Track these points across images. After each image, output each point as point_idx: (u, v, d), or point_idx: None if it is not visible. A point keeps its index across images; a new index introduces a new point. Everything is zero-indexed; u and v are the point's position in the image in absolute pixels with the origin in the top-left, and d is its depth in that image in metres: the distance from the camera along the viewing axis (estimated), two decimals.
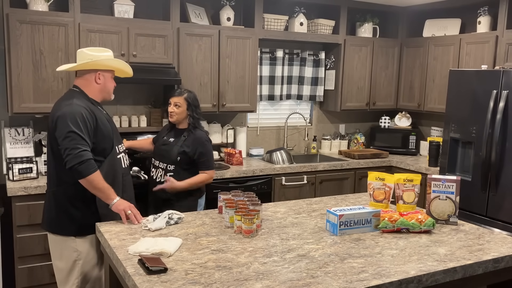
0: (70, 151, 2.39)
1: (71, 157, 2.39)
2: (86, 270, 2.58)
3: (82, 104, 2.50)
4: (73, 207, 2.54)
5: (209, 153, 3.23)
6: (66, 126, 2.41)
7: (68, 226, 2.55)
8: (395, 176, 2.74)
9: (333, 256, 2.08)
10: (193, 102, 3.21)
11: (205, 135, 3.24)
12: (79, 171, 2.40)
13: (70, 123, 2.41)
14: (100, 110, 2.63)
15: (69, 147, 2.40)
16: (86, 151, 2.42)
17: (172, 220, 2.50)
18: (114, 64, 2.68)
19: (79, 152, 2.39)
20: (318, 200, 3.09)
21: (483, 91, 3.76)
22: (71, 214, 2.54)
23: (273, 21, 4.53)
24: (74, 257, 2.56)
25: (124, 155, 2.74)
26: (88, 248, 2.58)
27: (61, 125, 2.43)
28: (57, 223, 2.58)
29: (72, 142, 2.40)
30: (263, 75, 4.78)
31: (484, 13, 4.45)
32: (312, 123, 5.28)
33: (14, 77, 3.45)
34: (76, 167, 2.39)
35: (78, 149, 2.40)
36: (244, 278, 1.83)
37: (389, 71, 5.17)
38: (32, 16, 3.47)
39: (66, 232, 2.56)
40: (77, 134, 2.41)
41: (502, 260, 2.15)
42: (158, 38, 3.92)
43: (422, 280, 1.91)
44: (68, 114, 2.43)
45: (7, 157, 3.61)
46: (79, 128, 2.42)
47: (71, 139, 2.40)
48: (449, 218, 2.58)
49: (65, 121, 2.42)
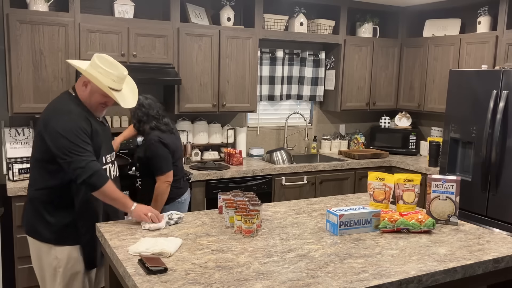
0: (76, 164, 2.30)
1: (80, 171, 2.29)
2: (68, 279, 2.48)
3: (78, 113, 2.40)
4: (48, 214, 2.43)
5: (157, 157, 3.04)
6: (63, 140, 2.30)
7: (45, 233, 2.45)
8: (395, 176, 2.74)
9: (333, 256, 2.08)
10: (138, 108, 3.08)
11: (155, 137, 3.05)
12: (91, 184, 2.32)
13: (69, 136, 2.30)
14: (93, 117, 2.49)
15: (74, 160, 2.30)
16: (93, 161, 2.34)
17: (172, 220, 2.49)
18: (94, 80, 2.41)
19: (86, 164, 2.30)
20: (318, 200, 3.08)
21: (483, 91, 3.76)
22: (47, 220, 2.44)
23: (273, 21, 4.53)
24: (54, 264, 2.47)
25: (111, 166, 2.61)
26: (67, 257, 2.47)
27: (58, 139, 2.31)
28: (35, 228, 2.48)
29: (76, 156, 2.30)
30: (263, 75, 4.78)
31: (484, 13, 4.45)
32: (312, 123, 5.28)
33: (14, 77, 3.45)
34: (88, 181, 2.30)
35: (84, 161, 2.30)
36: (244, 278, 1.83)
37: (389, 71, 5.17)
38: (32, 16, 3.47)
39: (43, 238, 2.46)
40: (79, 146, 2.31)
41: (502, 260, 2.15)
42: (158, 38, 3.92)
43: (422, 280, 1.91)
44: (65, 126, 2.32)
45: (7, 157, 3.61)
46: (79, 140, 2.32)
47: (74, 153, 2.30)
48: (449, 218, 2.58)
49: (61, 134, 2.31)
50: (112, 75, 2.43)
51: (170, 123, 3.22)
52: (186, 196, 3.32)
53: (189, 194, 3.38)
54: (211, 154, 4.52)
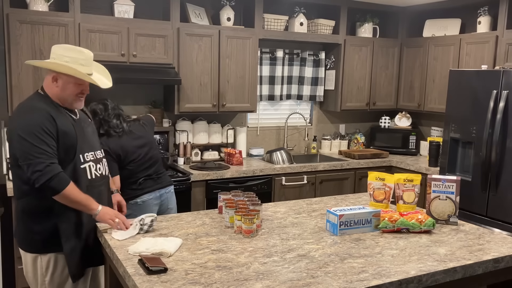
0: (34, 167, 2.16)
1: (38, 174, 2.15)
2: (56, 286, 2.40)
3: (41, 112, 2.25)
4: (33, 222, 2.32)
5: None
6: (23, 142, 2.17)
7: (31, 242, 2.36)
8: (395, 176, 2.74)
9: (333, 256, 2.08)
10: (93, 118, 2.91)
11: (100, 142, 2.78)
12: (51, 188, 2.18)
13: (29, 138, 2.17)
14: (66, 116, 2.36)
15: (33, 163, 2.16)
16: (53, 164, 2.20)
17: (145, 225, 2.33)
18: (62, 69, 2.30)
19: (45, 167, 2.16)
20: (318, 200, 3.08)
21: (483, 91, 3.76)
22: (32, 229, 2.33)
23: (273, 21, 4.53)
24: (39, 274, 2.38)
25: (93, 164, 2.43)
26: (53, 265, 2.37)
27: (19, 141, 2.19)
28: (22, 238, 2.39)
29: (35, 158, 2.16)
30: (263, 75, 4.78)
31: (484, 13, 4.45)
32: (312, 123, 5.28)
33: (14, 77, 3.45)
34: (47, 184, 2.16)
35: (42, 164, 2.16)
36: (244, 278, 1.83)
37: (389, 71, 5.17)
38: (32, 16, 3.47)
39: (29, 248, 2.37)
40: (38, 148, 2.17)
41: (502, 260, 2.15)
42: (158, 38, 3.92)
43: (422, 280, 1.91)
44: (27, 125, 2.20)
45: (7, 157, 3.61)
46: (39, 140, 2.18)
47: (33, 155, 2.16)
48: (449, 218, 2.58)
49: (21, 134, 2.18)
50: (80, 60, 2.31)
51: (121, 124, 3.07)
52: (147, 198, 3.11)
53: (156, 195, 3.16)
54: (211, 154, 4.52)
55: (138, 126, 3.21)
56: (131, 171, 3.08)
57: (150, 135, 3.29)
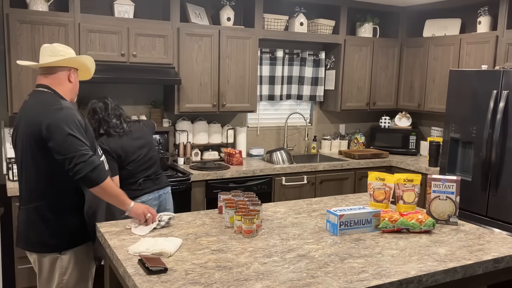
0: (78, 159, 2.19)
1: (82, 165, 2.19)
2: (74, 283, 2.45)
3: (71, 108, 2.31)
4: (54, 223, 2.35)
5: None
6: (65, 133, 2.20)
7: (53, 242, 2.37)
8: (395, 176, 2.74)
9: (333, 256, 2.08)
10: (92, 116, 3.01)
11: (98, 142, 2.84)
12: (92, 179, 2.22)
13: (69, 129, 2.21)
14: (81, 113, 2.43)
15: (76, 154, 2.19)
16: (93, 156, 2.26)
17: (163, 221, 2.41)
18: (88, 63, 2.48)
19: (89, 158, 2.21)
20: (318, 200, 3.08)
21: (483, 91, 3.76)
22: (54, 230, 2.35)
23: (273, 21, 4.53)
24: (58, 274, 2.40)
25: (104, 160, 2.54)
26: (74, 262, 2.42)
27: (59, 133, 2.20)
28: (38, 242, 2.37)
29: (78, 148, 2.20)
30: (263, 75, 4.78)
31: (484, 13, 4.45)
32: (312, 123, 5.28)
33: (14, 77, 3.45)
34: (90, 175, 2.20)
35: (86, 155, 2.21)
36: (244, 278, 1.83)
37: (389, 71, 5.17)
38: (32, 16, 3.47)
39: (48, 249, 2.38)
40: (79, 140, 2.22)
41: (502, 260, 2.15)
42: (158, 38, 3.92)
43: (422, 280, 1.91)
44: (65, 119, 2.23)
45: (7, 157, 3.62)
46: (80, 132, 2.25)
47: (76, 146, 2.20)
48: (449, 218, 2.58)
49: (62, 127, 2.21)
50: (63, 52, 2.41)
51: (121, 124, 3.07)
52: (146, 198, 3.11)
53: (155, 196, 3.18)
54: (211, 154, 4.52)
55: (138, 127, 3.22)
56: (130, 171, 3.08)
57: (149, 136, 3.30)
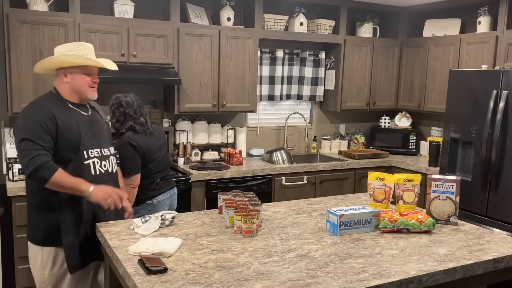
0: (23, 158, 2.26)
1: (26, 165, 2.25)
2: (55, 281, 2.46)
3: (42, 109, 2.34)
4: (38, 216, 2.43)
5: (124, 158, 2.94)
6: (19, 134, 2.30)
7: (35, 235, 2.45)
8: (395, 176, 2.74)
9: (333, 256, 2.08)
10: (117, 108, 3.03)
11: (126, 138, 2.98)
12: (39, 177, 2.27)
13: (24, 130, 2.28)
14: (73, 113, 2.43)
15: (22, 155, 2.27)
16: (40, 155, 2.26)
17: (167, 220, 2.43)
18: (70, 60, 2.40)
19: (32, 158, 2.24)
20: (318, 200, 3.08)
21: (483, 91, 3.76)
22: (38, 223, 2.43)
23: (273, 21, 4.53)
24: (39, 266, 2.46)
25: (97, 161, 2.47)
26: (52, 260, 2.44)
27: (16, 136, 2.33)
28: (29, 231, 2.50)
29: (25, 150, 2.26)
30: (263, 75, 4.78)
31: (484, 13, 4.45)
32: (312, 123, 5.28)
33: (14, 77, 3.45)
34: (35, 174, 2.25)
35: (30, 155, 2.24)
36: (244, 278, 1.83)
37: (389, 71, 5.17)
38: (32, 16, 3.47)
39: (34, 240, 2.46)
40: (30, 140, 2.26)
41: (502, 260, 2.15)
42: (158, 38, 3.92)
43: (422, 280, 1.91)
44: (22, 124, 2.31)
45: (7, 157, 3.61)
46: (33, 134, 2.27)
47: (24, 148, 2.27)
48: (449, 218, 2.58)
49: (18, 131, 2.31)
50: (82, 51, 2.42)
51: (147, 123, 3.11)
52: (162, 198, 3.16)
53: (168, 196, 3.22)
54: (211, 154, 4.52)
55: (158, 128, 3.29)
56: (150, 170, 3.10)
57: (165, 137, 3.38)
